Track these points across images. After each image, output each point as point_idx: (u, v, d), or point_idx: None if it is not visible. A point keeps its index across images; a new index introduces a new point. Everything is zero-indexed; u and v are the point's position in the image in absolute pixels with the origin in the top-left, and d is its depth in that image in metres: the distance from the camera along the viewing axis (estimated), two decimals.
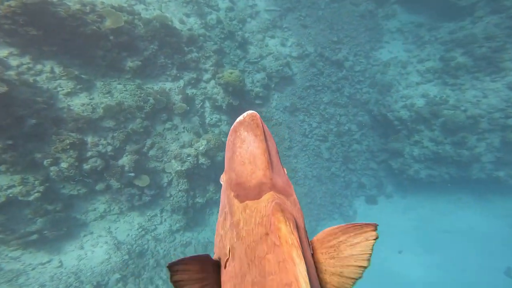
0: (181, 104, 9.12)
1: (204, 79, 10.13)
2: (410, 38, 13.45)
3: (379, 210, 12.58)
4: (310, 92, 11.98)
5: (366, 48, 13.25)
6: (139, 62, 8.63)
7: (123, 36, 8.34)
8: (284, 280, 0.72)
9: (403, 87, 11.77)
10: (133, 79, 8.61)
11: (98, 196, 7.14)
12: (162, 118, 8.68)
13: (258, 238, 0.84)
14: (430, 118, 10.73)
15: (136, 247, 7.33)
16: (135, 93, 8.37)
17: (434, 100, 10.81)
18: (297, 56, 12.14)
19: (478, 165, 10.89)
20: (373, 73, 12.78)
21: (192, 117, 9.45)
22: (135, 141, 7.96)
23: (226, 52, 11.06)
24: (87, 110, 7.12)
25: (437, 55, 11.81)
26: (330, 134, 12.02)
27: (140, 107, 8.21)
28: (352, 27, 13.51)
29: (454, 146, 10.76)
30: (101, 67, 8.00)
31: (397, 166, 11.87)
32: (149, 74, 9.03)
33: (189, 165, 8.52)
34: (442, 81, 11.19)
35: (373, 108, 12.18)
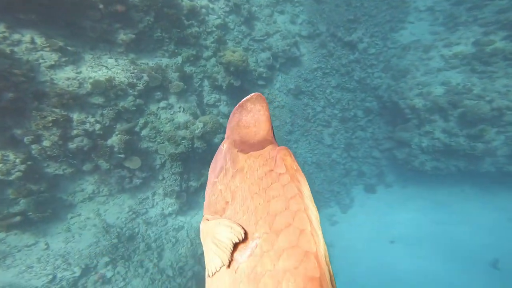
0: (177, 83, 7.99)
1: (204, 56, 8.84)
2: (441, 18, 11.14)
3: (377, 200, 11.30)
4: (317, 74, 10.39)
5: (385, 29, 11.18)
6: (133, 35, 7.46)
7: (114, 5, 7.11)
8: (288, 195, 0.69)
9: (421, 73, 9.88)
10: (126, 53, 7.51)
11: (86, 177, 6.41)
12: (157, 96, 7.64)
13: (262, 175, 0.78)
14: (447, 108, 8.96)
15: (126, 231, 6.69)
16: (127, 68, 7.32)
17: (456, 88, 8.95)
18: (307, 35, 10.41)
19: (491, 159, 9.20)
20: (389, 56, 10.85)
21: (190, 96, 8.34)
22: (126, 120, 7.03)
23: (230, 27, 9.58)
24: (73, 84, 6.19)
25: (470, 39, 9.64)
26: (334, 119, 10.55)
27: (133, 84, 7.18)
28: (373, 4, 11.37)
29: (469, 138, 9.04)
30: (90, 39, 6.92)
31: (403, 157, 10.33)
32: (144, 48, 7.87)
33: (184, 148, 7.56)
34: (470, 68, 9.18)
35: (384, 94, 10.45)
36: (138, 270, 6.67)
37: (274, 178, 0.75)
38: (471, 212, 10.68)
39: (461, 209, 10.84)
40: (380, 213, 10.96)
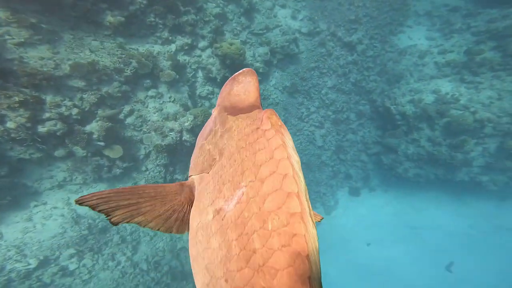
0: (169, 71, 7.32)
1: (199, 46, 8.14)
2: (438, 24, 10.70)
3: (360, 202, 11.19)
4: (314, 73, 9.85)
5: (385, 32, 10.65)
6: (122, 18, 6.69)
7: None
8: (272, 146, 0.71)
9: (414, 79, 9.50)
10: (113, 36, 6.76)
11: (57, 163, 5.70)
12: (146, 84, 6.98)
13: (249, 132, 0.79)
14: (435, 117, 8.67)
15: (99, 222, 6.13)
16: (114, 52, 6.60)
17: (444, 97, 8.66)
18: (307, 32, 9.78)
19: (467, 169, 9.15)
20: (385, 60, 10.38)
21: (181, 87, 7.71)
22: (110, 106, 6.38)
23: (228, 18, 8.85)
24: (48, 65, 5.47)
25: (463, 47, 9.28)
26: (327, 120, 10.14)
27: (119, 69, 6.48)
28: (375, 5, 10.75)
29: (450, 148, 8.90)
30: (70, 18, 6.13)
31: (388, 162, 10.12)
32: (135, 33, 7.12)
33: (171, 140, 7.01)
34: (460, 77, 8.87)
35: (377, 98, 10.05)
36: (108, 263, 6.18)
37: (260, 134, 0.76)
38: (441, 218, 10.91)
39: (433, 215, 11.05)
40: (361, 216, 10.93)
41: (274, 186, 0.66)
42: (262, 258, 0.60)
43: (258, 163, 0.71)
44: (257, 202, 0.66)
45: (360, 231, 10.84)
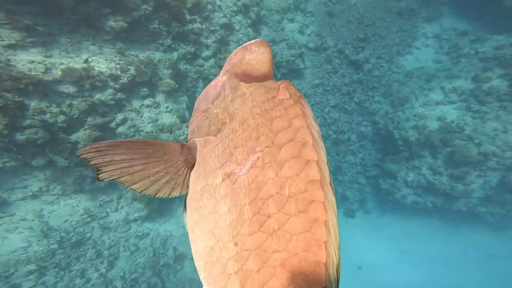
0: (169, 81, 7.03)
1: (202, 55, 7.86)
2: (446, 47, 10.40)
3: (354, 225, 10.87)
4: (318, 91, 9.56)
5: (392, 52, 10.37)
6: (125, 24, 6.41)
7: None
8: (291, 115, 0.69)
9: (420, 104, 9.18)
10: (113, 42, 6.48)
11: (34, 172, 5.30)
12: (142, 92, 6.69)
13: (265, 100, 0.75)
14: (438, 146, 8.34)
15: (74, 236, 5.70)
16: (112, 58, 6.32)
17: (450, 126, 8.33)
18: (313, 47, 9.50)
19: (466, 200, 8.86)
20: (391, 81, 10.08)
21: (180, 97, 7.41)
22: (101, 114, 6.08)
23: (235, 28, 8.58)
24: (37, 69, 5.17)
25: (471, 73, 8.97)
26: (328, 140, 9.82)
27: (116, 76, 6.19)
28: (385, 25, 10.48)
29: (452, 179, 8.60)
30: (70, 22, 5.85)
31: (386, 187, 9.79)
32: (136, 39, 6.84)
33: None
34: (466, 105, 8.54)
35: (380, 120, 9.73)
36: (74, 281, 5.64)
37: (277, 103, 0.74)
38: (434, 244, 10.66)
39: (426, 240, 10.79)
40: (354, 238, 10.61)
41: (293, 153, 0.64)
42: (277, 223, 0.59)
43: (275, 130, 0.68)
44: (274, 167, 0.64)
45: (352, 253, 10.53)
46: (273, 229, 0.58)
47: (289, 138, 0.66)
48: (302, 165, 0.61)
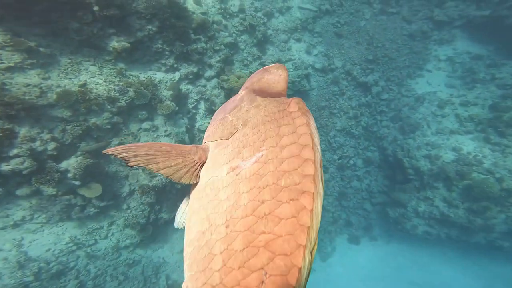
0: (168, 103, 6.78)
1: (205, 75, 7.63)
2: (459, 71, 9.95)
3: (359, 251, 10.24)
4: (324, 113, 9.19)
5: (403, 74, 9.97)
6: (127, 44, 6.23)
7: (112, 8, 5.88)
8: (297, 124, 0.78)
9: (432, 132, 8.68)
10: (114, 62, 6.29)
11: (18, 201, 5.00)
12: (141, 116, 6.43)
13: (276, 111, 0.86)
14: (454, 178, 7.77)
15: (54, 266, 5.27)
16: (112, 79, 6.11)
17: (466, 158, 7.79)
18: (320, 68, 9.19)
19: (486, 234, 8.16)
20: (401, 105, 9.64)
21: (180, 119, 7.14)
22: (96, 138, 5.82)
23: (240, 48, 8.36)
24: (31, 92, 4.96)
25: (488, 100, 8.47)
26: (332, 165, 9.36)
27: (113, 99, 5.96)
28: (395, 47, 10.15)
29: (470, 212, 7.97)
30: (73, 42, 5.69)
31: (395, 216, 9.21)
32: (138, 59, 6.66)
33: (159, 182, 6.38)
34: (484, 136, 7.99)
35: (388, 147, 9.24)
36: None
37: (286, 114, 0.82)
38: (447, 276, 9.88)
39: (438, 272, 10.04)
40: (359, 266, 9.97)
41: (293, 152, 0.71)
42: (269, 208, 0.64)
43: (281, 134, 0.77)
44: (275, 163, 0.71)
45: (357, 282, 9.88)
46: (264, 213, 0.64)
47: (292, 141, 0.73)
48: (300, 162, 0.68)
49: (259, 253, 0.59)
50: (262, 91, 1.01)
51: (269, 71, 1.05)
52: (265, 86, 1.02)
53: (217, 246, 0.66)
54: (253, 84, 1.06)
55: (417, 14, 10.98)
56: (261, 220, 0.63)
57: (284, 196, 0.65)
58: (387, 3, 10.94)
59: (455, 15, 11.04)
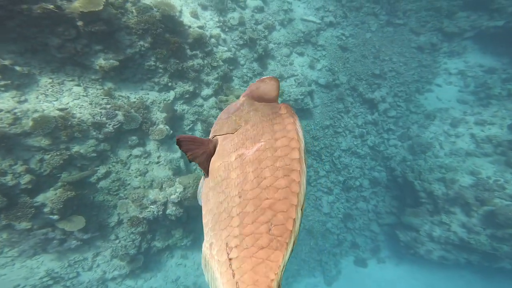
0: (161, 127, 6.18)
1: (202, 94, 7.03)
2: (472, 85, 9.33)
3: (366, 275, 9.48)
4: (328, 132, 8.57)
5: (411, 89, 9.36)
6: (116, 62, 5.64)
7: (99, 24, 5.31)
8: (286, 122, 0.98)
9: (445, 152, 8.04)
10: (102, 81, 5.70)
11: None
12: (131, 141, 5.82)
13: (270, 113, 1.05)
14: (473, 204, 7.09)
15: None
16: (98, 101, 5.52)
17: (486, 183, 7.10)
18: (324, 84, 8.61)
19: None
20: (409, 123, 8.99)
21: (174, 144, 6.50)
22: (79, 168, 5.19)
23: (239, 63, 7.78)
24: (3, 119, 4.37)
25: (506, 119, 7.81)
26: (337, 186, 8.69)
27: (100, 124, 5.37)
28: (403, 60, 9.57)
29: (493, 239, 7.26)
30: (54, 60, 5.11)
31: (406, 240, 8.51)
32: (128, 78, 6.07)
33: (151, 214, 5.74)
34: (505, 159, 7.31)
35: (397, 167, 8.58)
36: None
37: (278, 115, 1.02)
38: None
39: None
40: None
41: (284, 143, 0.92)
42: (269, 182, 0.86)
43: (275, 130, 0.97)
44: (271, 150, 0.92)
45: None
46: (266, 186, 0.86)
47: (283, 135, 0.94)
48: (289, 150, 0.90)
49: (265, 212, 0.82)
50: (259, 98, 1.20)
51: (265, 82, 1.22)
52: (261, 94, 1.21)
53: (234, 210, 0.87)
54: (252, 92, 1.24)
55: (426, 26, 10.42)
56: (265, 190, 0.85)
57: (279, 173, 0.86)
58: (394, 14, 10.40)
59: (467, 26, 10.46)
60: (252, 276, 0.73)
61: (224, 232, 0.85)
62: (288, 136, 0.92)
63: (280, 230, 0.77)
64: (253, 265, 0.74)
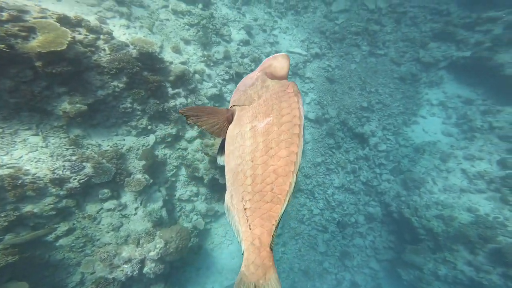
0: (140, 178, 5.32)
1: (186, 136, 6.30)
2: (454, 117, 9.39)
3: None
4: (320, 170, 8.10)
5: (398, 122, 9.24)
6: (84, 106, 4.79)
7: (62, 64, 4.49)
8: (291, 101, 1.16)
9: (439, 188, 7.79)
10: (67, 128, 4.78)
11: None
12: (102, 195, 4.87)
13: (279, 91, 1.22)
14: (476, 242, 6.73)
15: None
16: (61, 152, 4.62)
17: (486, 220, 6.83)
18: (314, 118, 8.23)
19: None
20: (400, 157, 8.76)
21: (156, 192, 5.64)
22: (32, 227, 4.16)
23: (226, 99, 7.18)
24: None
25: (494, 155, 7.75)
26: (332, 224, 8.10)
27: (61, 180, 4.42)
28: (388, 91, 9.52)
29: (507, 278, 6.82)
30: (7, 105, 4.19)
31: (409, 279, 7.97)
32: (100, 123, 5.21)
33: (122, 275, 4.73)
34: (501, 196, 7.13)
35: (391, 202, 8.21)
36: None
37: (286, 93, 1.18)
38: None
39: None
40: None
41: (288, 119, 1.10)
42: (275, 151, 1.06)
43: (282, 107, 1.14)
44: (277, 125, 1.10)
45: None
46: (272, 154, 1.06)
47: (288, 112, 1.11)
48: (291, 126, 1.08)
49: (270, 175, 1.04)
50: (271, 74, 1.30)
51: (277, 59, 1.32)
52: (273, 71, 1.30)
53: (247, 172, 1.09)
54: (265, 68, 1.34)
55: (404, 56, 10.60)
56: (271, 158, 1.05)
57: (282, 145, 1.06)
58: (374, 45, 10.51)
59: (439, 56, 10.76)
60: (260, 221, 1.01)
61: (241, 188, 1.10)
62: (292, 113, 1.11)
63: (280, 189, 1.01)
64: (261, 214, 1.01)
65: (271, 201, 1.00)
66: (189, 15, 7.62)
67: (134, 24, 6.39)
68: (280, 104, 1.13)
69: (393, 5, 11.06)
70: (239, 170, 1.11)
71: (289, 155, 1.02)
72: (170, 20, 7.10)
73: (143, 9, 6.95)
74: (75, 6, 5.86)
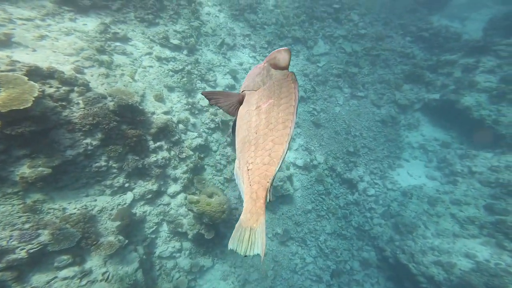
0: (111, 240, 4.56)
1: (169, 192, 5.69)
2: (434, 160, 9.49)
3: None
4: (311, 217, 7.65)
5: (384, 166, 9.19)
6: (48, 169, 4.13)
7: (25, 124, 3.91)
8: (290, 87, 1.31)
9: (432, 233, 7.53)
10: (24, 193, 4.05)
11: None
12: (59, 262, 4.02)
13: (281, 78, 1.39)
14: None
15: None
16: (10, 221, 3.86)
17: (487, 266, 6.49)
18: (302, 166, 7.96)
19: None
20: (388, 200, 8.54)
21: (130, 253, 4.85)
22: None
23: (211, 149, 6.74)
24: None
25: (479, 199, 7.69)
26: (326, 272, 7.46)
27: (5, 251, 3.57)
28: (371, 135, 9.56)
29: None
30: None
31: None
32: (68, 185, 4.50)
33: None
34: (496, 241, 6.92)
35: (386, 247, 7.80)
36: None
37: (286, 81, 1.35)
38: None
39: None
40: None
41: (286, 101, 1.27)
42: (274, 126, 1.23)
43: (282, 92, 1.32)
44: (277, 105, 1.28)
45: None
46: (271, 128, 1.22)
47: (286, 95, 1.28)
48: (288, 106, 1.24)
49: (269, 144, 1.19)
50: (275, 65, 1.46)
51: (280, 53, 1.46)
52: (277, 62, 1.45)
53: (252, 141, 1.26)
54: (270, 60, 1.49)
55: (383, 98, 10.92)
56: (270, 131, 1.22)
57: (279, 120, 1.22)
58: (355, 87, 10.80)
59: (413, 98, 11.18)
60: (258, 179, 1.16)
61: (246, 154, 1.27)
62: (289, 97, 1.28)
63: (275, 155, 1.16)
64: (259, 174, 1.16)
65: (268, 163, 1.16)
66: (174, 61, 7.41)
67: (114, 72, 5.99)
68: (281, 90, 1.33)
69: (367, 48, 11.64)
70: (246, 141, 1.31)
71: (285, 129, 1.20)
72: (153, 67, 6.80)
73: (126, 56, 6.64)
74: (51, 56, 5.41)
